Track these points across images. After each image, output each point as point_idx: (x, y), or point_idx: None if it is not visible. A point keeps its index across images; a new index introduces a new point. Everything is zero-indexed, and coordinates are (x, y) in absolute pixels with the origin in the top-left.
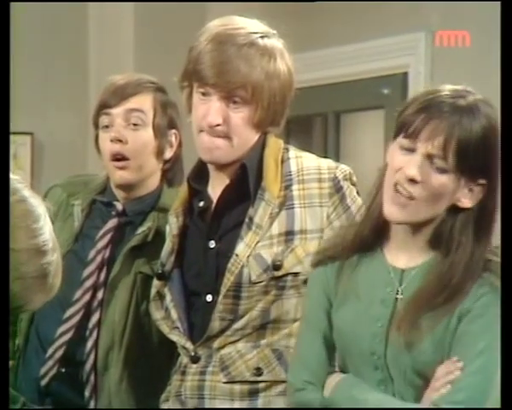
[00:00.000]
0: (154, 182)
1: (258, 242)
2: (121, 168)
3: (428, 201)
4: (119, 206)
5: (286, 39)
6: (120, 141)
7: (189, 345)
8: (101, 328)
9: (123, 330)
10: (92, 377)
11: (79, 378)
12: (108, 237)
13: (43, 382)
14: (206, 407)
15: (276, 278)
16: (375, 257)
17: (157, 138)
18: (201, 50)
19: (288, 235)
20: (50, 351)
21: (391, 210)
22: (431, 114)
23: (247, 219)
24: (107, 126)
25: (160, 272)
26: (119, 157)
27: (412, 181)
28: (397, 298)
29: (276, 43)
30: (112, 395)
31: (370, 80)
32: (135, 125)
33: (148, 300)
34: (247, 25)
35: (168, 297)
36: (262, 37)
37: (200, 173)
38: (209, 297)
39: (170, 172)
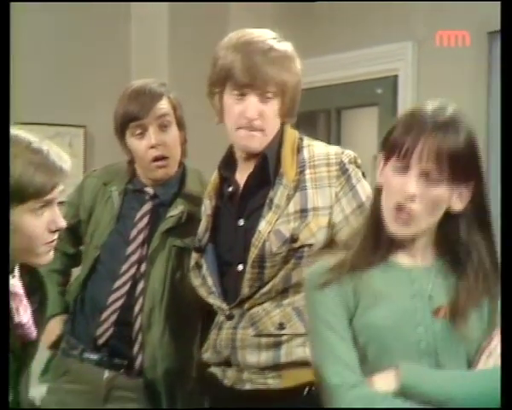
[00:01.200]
0: (176, 167)
1: (277, 219)
2: (163, 166)
3: (428, 212)
4: (151, 191)
5: (296, 47)
6: (159, 145)
7: (224, 306)
8: (144, 295)
9: (162, 295)
10: (140, 335)
11: (129, 336)
12: (146, 218)
13: (100, 341)
14: (238, 355)
15: (294, 249)
16: (388, 263)
17: (181, 131)
18: (232, 59)
19: (303, 212)
20: (104, 315)
21: (396, 228)
22: (419, 134)
23: (267, 201)
24: (140, 134)
25: (197, 245)
26: (161, 160)
27: (413, 198)
28: (428, 290)
29: (289, 46)
30: (155, 347)
31: (366, 82)
32: (165, 126)
33: (181, 269)
34: (263, 33)
35: (204, 267)
36: (278, 42)
37: (229, 163)
38: (240, 267)
39: (183, 156)
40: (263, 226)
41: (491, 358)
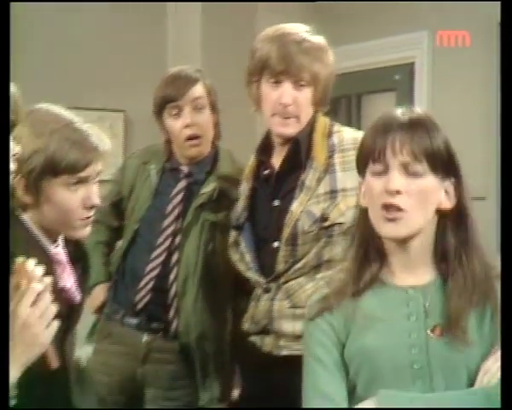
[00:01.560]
0: (209, 147)
1: (308, 200)
2: (196, 145)
3: (417, 208)
4: (186, 169)
5: (327, 35)
6: (193, 125)
7: (261, 280)
8: (179, 264)
9: (195, 265)
10: (175, 301)
11: (165, 302)
12: (181, 195)
13: (139, 306)
14: (275, 325)
15: (325, 228)
16: (382, 284)
17: (214, 114)
18: (269, 49)
19: (332, 193)
20: (142, 283)
21: (387, 229)
22: (388, 132)
23: (299, 183)
24: (176, 115)
25: (235, 224)
26: (192, 137)
27: (397, 193)
28: (425, 309)
29: (321, 39)
30: (189, 313)
31: (385, 69)
32: (199, 109)
33: (213, 242)
34: (297, 26)
35: (242, 244)
36: (311, 34)
37: (265, 147)
38: (275, 244)
39: (216, 137)
40: (295, 207)
41: (486, 376)
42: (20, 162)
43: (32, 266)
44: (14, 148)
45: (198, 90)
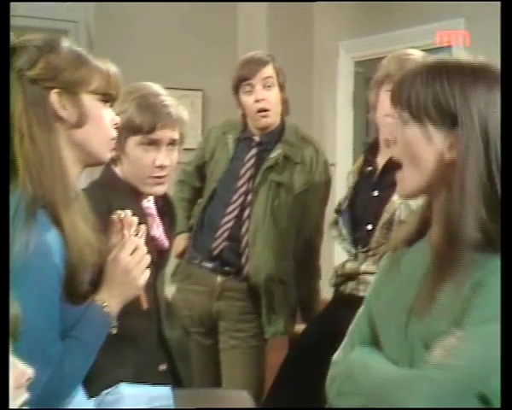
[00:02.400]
0: (277, 120)
1: None
2: (265, 117)
3: (410, 163)
4: (257, 138)
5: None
6: (262, 100)
7: (352, 250)
8: (250, 218)
9: (263, 219)
10: (246, 249)
11: (237, 250)
12: (253, 160)
13: (215, 252)
14: (360, 278)
15: None
16: (416, 244)
17: (281, 92)
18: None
19: None
20: (218, 233)
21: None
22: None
23: None
24: (249, 91)
25: (337, 208)
26: (262, 110)
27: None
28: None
29: None
30: (258, 259)
31: (425, 52)
32: (268, 86)
33: (278, 199)
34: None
35: (341, 223)
36: None
37: (372, 149)
38: (369, 226)
39: (284, 112)
40: (396, 198)
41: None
42: None
43: (131, 218)
44: (115, 118)
45: (268, 70)
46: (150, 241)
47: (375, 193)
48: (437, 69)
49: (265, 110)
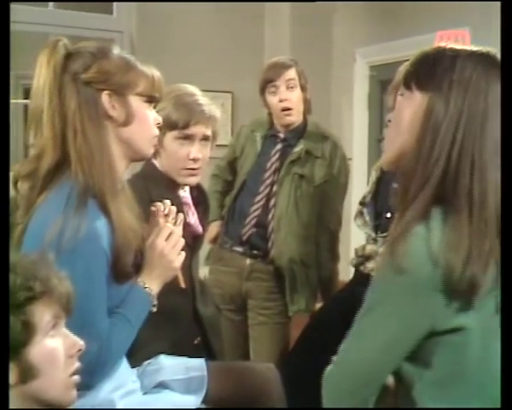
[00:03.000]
0: (300, 118)
1: None
2: (288, 115)
3: (393, 127)
4: (282, 135)
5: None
6: (286, 100)
7: (372, 234)
8: (275, 207)
9: (287, 208)
10: (272, 235)
11: (264, 235)
12: (278, 154)
13: (244, 238)
14: (377, 259)
15: None
16: None
17: (303, 93)
18: None
19: None
20: (247, 220)
21: None
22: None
23: None
24: (274, 92)
25: (362, 201)
26: (285, 109)
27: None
28: None
29: None
30: (282, 244)
31: None
32: (291, 87)
33: (300, 190)
34: None
35: (365, 213)
36: None
37: None
38: (388, 215)
39: (306, 111)
40: None
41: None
42: None
43: (170, 207)
44: (158, 118)
45: (291, 73)
46: (186, 227)
47: (395, 185)
48: (435, 51)
49: (288, 109)
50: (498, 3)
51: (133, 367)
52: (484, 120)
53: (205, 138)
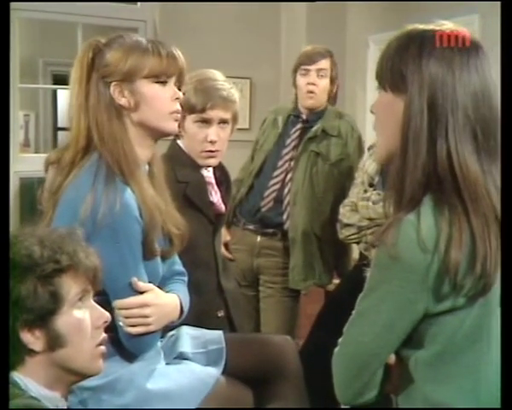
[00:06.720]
0: (323, 103)
1: None
2: (311, 98)
3: (378, 128)
4: (304, 116)
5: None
6: (314, 85)
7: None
8: (292, 182)
9: (303, 182)
10: (287, 208)
11: (280, 209)
12: (297, 132)
13: (263, 209)
14: None
15: None
16: None
17: (331, 85)
18: None
19: None
20: (267, 193)
21: None
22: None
23: None
24: (304, 74)
25: (371, 182)
26: (311, 93)
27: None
28: None
29: None
30: (296, 217)
31: None
32: (321, 76)
33: (316, 166)
34: None
35: (374, 193)
36: None
37: None
38: None
39: (330, 100)
40: None
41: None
42: None
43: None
44: (177, 93)
45: (324, 63)
46: (210, 205)
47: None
48: (402, 39)
49: (314, 93)
50: None
51: (160, 339)
52: (454, 108)
53: (223, 121)
